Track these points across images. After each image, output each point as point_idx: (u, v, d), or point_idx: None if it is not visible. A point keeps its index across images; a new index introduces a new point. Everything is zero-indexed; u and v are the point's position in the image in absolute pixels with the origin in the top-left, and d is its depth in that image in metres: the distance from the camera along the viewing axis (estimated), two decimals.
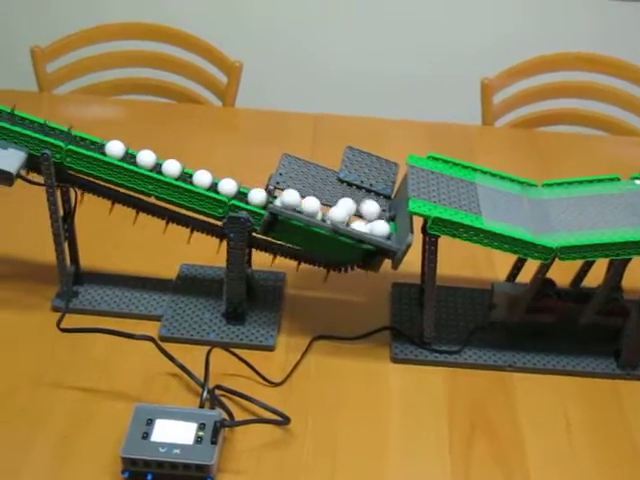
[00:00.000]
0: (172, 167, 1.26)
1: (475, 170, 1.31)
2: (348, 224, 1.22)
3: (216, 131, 1.92)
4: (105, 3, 2.63)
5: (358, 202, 1.26)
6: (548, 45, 2.12)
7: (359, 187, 1.29)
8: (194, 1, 2.66)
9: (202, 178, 1.27)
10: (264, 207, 1.24)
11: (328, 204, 1.25)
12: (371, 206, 1.24)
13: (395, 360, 1.29)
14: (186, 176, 1.28)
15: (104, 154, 1.26)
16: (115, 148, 1.26)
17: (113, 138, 1.28)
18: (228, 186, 1.26)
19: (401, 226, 1.23)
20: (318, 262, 1.30)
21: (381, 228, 1.22)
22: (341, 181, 1.29)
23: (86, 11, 2.60)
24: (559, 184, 1.33)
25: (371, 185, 1.29)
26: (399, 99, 2.67)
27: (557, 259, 1.20)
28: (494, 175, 1.32)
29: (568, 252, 1.19)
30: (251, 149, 1.82)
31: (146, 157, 1.26)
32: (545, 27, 2.64)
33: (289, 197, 1.21)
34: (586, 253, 1.19)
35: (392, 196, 1.30)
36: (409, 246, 1.18)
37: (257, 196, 1.25)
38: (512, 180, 1.33)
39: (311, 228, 1.21)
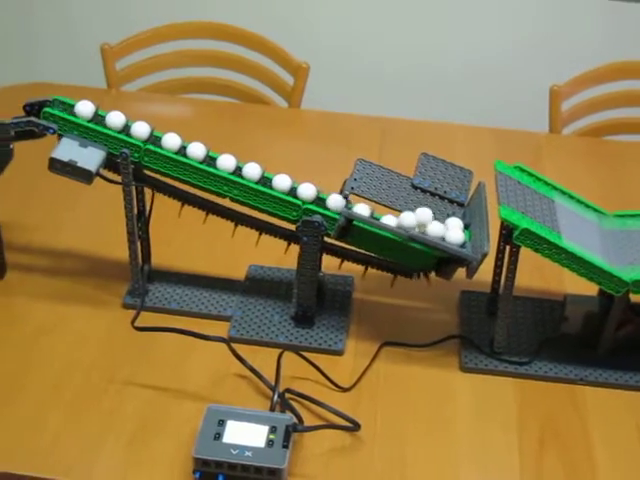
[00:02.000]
0: (252, 170, 1.27)
1: (555, 189, 1.30)
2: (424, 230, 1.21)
3: (281, 132, 1.92)
4: (174, 2, 2.64)
5: (435, 212, 1.25)
6: (619, 53, 2.09)
7: (433, 194, 1.28)
8: (262, 2, 2.66)
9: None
10: (334, 210, 1.25)
11: (401, 210, 1.25)
12: (454, 221, 1.24)
13: (464, 369, 1.28)
14: (266, 180, 1.28)
15: (182, 155, 1.26)
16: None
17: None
18: (302, 190, 1.26)
19: (476, 234, 1.22)
20: (389, 268, 1.30)
21: (456, 236, 1.21)
22: (415, 187, 1.29)
23: (155, 10, 2.62)
24: (631, 216, 1.33)
25: (445, 192, 1.29)
26: (466, 103, 2.65)
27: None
28: (572, 197, 1.32)
29: None
30: (316, 151, 1.82)
31: (226, 161, 1.27)
32: (617, 35, 2.59)
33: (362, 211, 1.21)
34: None
35: (466, 203, 1.29)
36: (485, 255, 1.17)
37: (332, 201, 1.25)
38: (587, 206, 1.32)
39: (386, 234, 1.21)
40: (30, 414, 1.18)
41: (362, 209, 1.22)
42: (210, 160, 1.27)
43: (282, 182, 1.25)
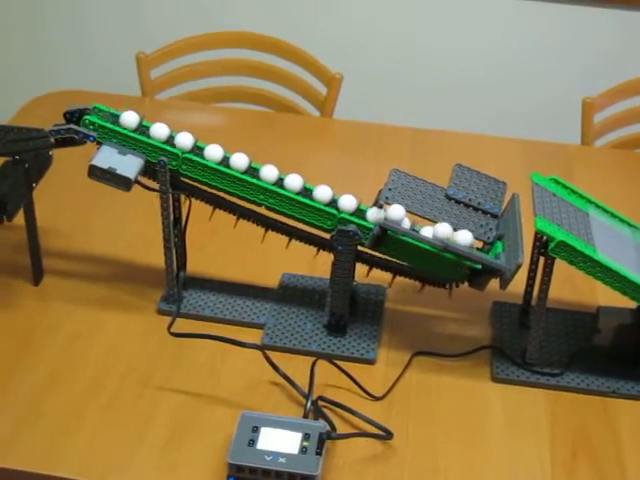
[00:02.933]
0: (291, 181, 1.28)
1: (590, 202, 1.31)
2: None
3: (314, 141, 1.93)
4: (208, 12, 2.66)
5: (469, 222, 1.26)
6: None
7: (467, 205, 1.29)
8: (295, 13, 2.68)
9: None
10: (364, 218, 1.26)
11: (435, 221, 1.25)
12: None
13: (496, 380, 1.28)
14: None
15: (219, 164, 1.28)
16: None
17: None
18: (342, 201, 1.27)
19: (509, 246, 1.22)
20: (423, 278, 1.31)
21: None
22: (449, 198, 1.29)
23: (189, 19, 2.65)
24: None
25: (479, 203, 1.29)
26: (496, 114, 2.65)
27: None
28: (606, 211, 1.32)
29: None
30: (348, 161, 1.83)
31: (268, 172, 1.29)
32: None
33: (395, 212, 1.22)
34: None
35: (499, 215, 1.30)
36: (519, 266, 1.17)
37: (370, 211, 1.26)
38: (622, 220, 1.32)
39: (420, 244, 1.21)
40: (65, 418, 1.19)
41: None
42: (251, 170, 1.29)
43: (321, 193, 1.27)
